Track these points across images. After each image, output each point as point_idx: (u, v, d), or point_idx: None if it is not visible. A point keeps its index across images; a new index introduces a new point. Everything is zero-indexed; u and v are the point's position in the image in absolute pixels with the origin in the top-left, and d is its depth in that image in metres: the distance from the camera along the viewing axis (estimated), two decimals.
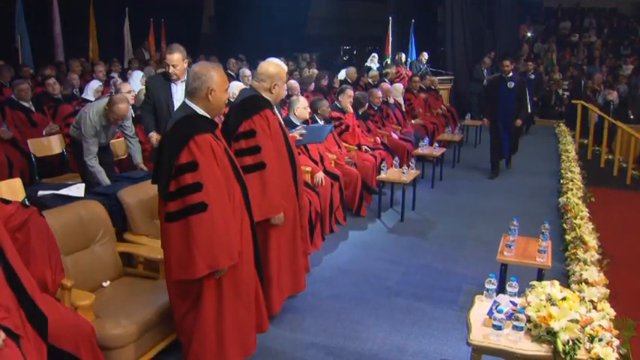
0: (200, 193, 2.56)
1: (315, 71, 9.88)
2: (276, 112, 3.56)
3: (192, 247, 2.55)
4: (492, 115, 7.54)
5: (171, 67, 4.38)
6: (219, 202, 2.60)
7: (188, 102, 2.73)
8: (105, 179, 4.54)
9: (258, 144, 3.28)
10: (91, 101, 6.01)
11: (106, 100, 4.63)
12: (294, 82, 7.01)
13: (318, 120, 5.66)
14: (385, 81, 8.78)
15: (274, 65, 3.44)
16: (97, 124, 4.51)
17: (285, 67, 3.86)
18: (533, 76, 11.12)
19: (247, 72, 7.53)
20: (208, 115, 2.74)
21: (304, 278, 3.82)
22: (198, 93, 2.69)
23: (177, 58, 4.37)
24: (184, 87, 4.33)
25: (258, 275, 2.99)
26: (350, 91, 6.56)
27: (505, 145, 7.63)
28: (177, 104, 4.34)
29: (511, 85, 7.28)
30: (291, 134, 3.71)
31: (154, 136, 4.46)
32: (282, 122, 3.70)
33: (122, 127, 4.82)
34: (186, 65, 4.43)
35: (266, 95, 3.39)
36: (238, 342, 2.86)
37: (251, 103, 3.34)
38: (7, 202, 2.50)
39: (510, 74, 7.34)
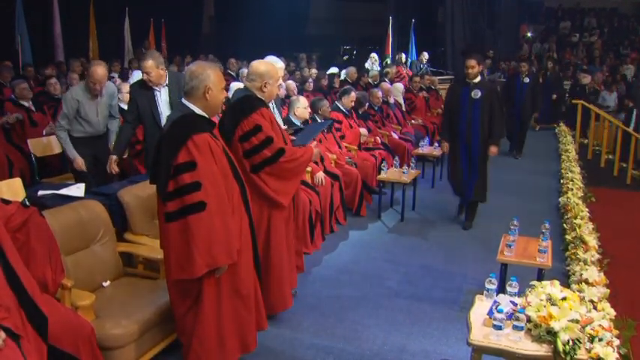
0: (199, 192, 2.56)
1: (315, 71, 9.90)
2: (273, 110, 3.56)
3: (192, 246, 2.55)
4: (452, 136, 5.53)
5: (145, 75, 4.32)
6: (217, 201, 2.60)
7: (185, 101, 2.72)
8: (72, 152, 4.64)
9: (268, 135, 3.29)
10: None
11: None
12: (291, 83, 7.01)
13: (318, 120, 5.66)
14: (385, 81, 8.79)
15: (265, 64, 3.45)
16: (79, 96, 4.58)
17: (280, 65, 3.84)
18: (527, 80, 9.00)
19: (246, 72, 7.52)
20: (206, 115, 2.74)
21: (295, 276, 3.82)
22: (195, 92, 2.68)
23: (149, 64, 4.28)
24: (167, 92, 4.36)
25: (257, 274, 2.99)
26: (353, 95, 6.57)
27: (467, 181, 5.47)
28: (162, 110, 4.35)
29: (477, 94, 5.28)
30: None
31: (113, 159, 4.49)
32: (280, 121, 3.70)
33: (110, 106, 4.83)
34: (162, 72, 4.37)
35: (259, 94, 3.40)
36: (238, 341, 2.87)
37: (246, 103, 3.35)
38: (7, 202, 2.50)
39: (478, 79, 5.35)
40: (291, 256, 3.64)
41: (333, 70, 10.26)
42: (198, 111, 2.70)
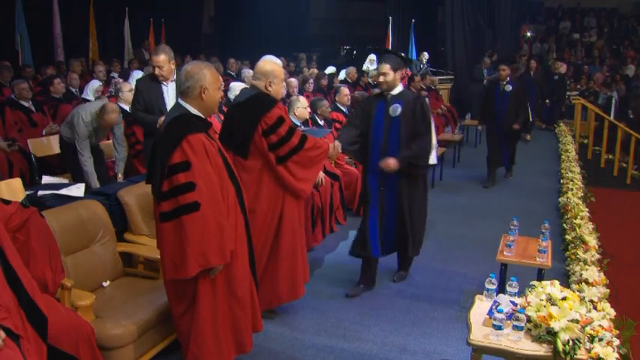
0: (193, 192, 2.56)
1: (315, 71, 9.90)
2: None
3: (185, 246, 2.56)
4: (364, 163, 4.11)
5: (157, 69, 4.33)
6: (212, 202, 2.60)
7: (181, 102, 2.73)
8: (96, 182, 4.64)
9: (291, 125, 3.39)
10: (90, 101, 6.03)
11: (98, 103, 4.68)
12: (293, 80, 7.01)
13: (318, 120, 5.66)
14: None
15: (270, 63, 3.47)
16: (90, 126, 4.61)
17: (281, 64, 3.87)
18: (509, 88, 6.93)
19: (250, 72, 7.52)
20: (202, 115, 2.74)
21: (308, 269, 3.82)
22: (191, 92, 2.69)
23: (162, 59, 4.31)
24: (175, 87, 4.36)
25: (252, 274, 2.98)
26: (346, 90, 6.55)
27: (386, 231, 4.03)
28: (169, 105, 4.33)
29: (396, 111, 3.87)
30: None
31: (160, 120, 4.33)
32: None
33: (112, 131, 4.87)
34: (173, 67, 4.40)
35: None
36: (234, 341, 2.87)
37: (260, 100, 3.36)
38: (7, 202, 2.50)
39: (397, 90, 3.92)
40: (303, 246, 3.65)
41: (331, 69, 10.26)
42: (193, 111, 2.71)
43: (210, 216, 2.58)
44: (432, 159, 4.01)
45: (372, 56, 11.71)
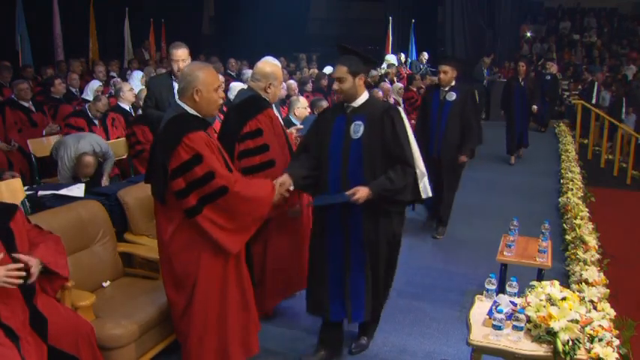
0: (215, 179, 2.58)
1: (316, 71, 9.89)
2: (276, 111, 3.56)
3: (239, 217, 2.64)
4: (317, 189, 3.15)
5: (180, 62, 4.28)
6: (234, 180, 2.64)
7: (179, 102, 2.73)
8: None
9: (265, 142, 3.28)
10: (90, 101, 6.04)
11: (82, 144, 4.69)
12: (292, 83, 7.01)
13: None
14: (385, 81, 8.79)
15: (270, 65, 3.45)
16: (71, 170, 4.65)
17: (280, 66, 3.87)
18: (453, 96, 5.02)
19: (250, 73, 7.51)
20: (199, 115, 2.74)
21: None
22: (186, 93, 2.69)
23: (182, 52, 4.30)
24: None
25: (250, 274, 2.97)
26: None
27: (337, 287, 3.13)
28: None
29: (357, 131, 3.00)
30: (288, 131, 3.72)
31: None
32: (282, 122, 3.71)
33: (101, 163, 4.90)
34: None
35: (262, 95, 3.40)
36: (240, 342, 2.85)
37: (252, 103, 3.34)
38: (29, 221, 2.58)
39: (361, 100, 3.09)
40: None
41: (329, 69, 10.25)
42: (191, 111, 2.70)
43: (241, 190, 2.64)
44: (426, 190, 3.03)
45: (389, 57, 11.61)
